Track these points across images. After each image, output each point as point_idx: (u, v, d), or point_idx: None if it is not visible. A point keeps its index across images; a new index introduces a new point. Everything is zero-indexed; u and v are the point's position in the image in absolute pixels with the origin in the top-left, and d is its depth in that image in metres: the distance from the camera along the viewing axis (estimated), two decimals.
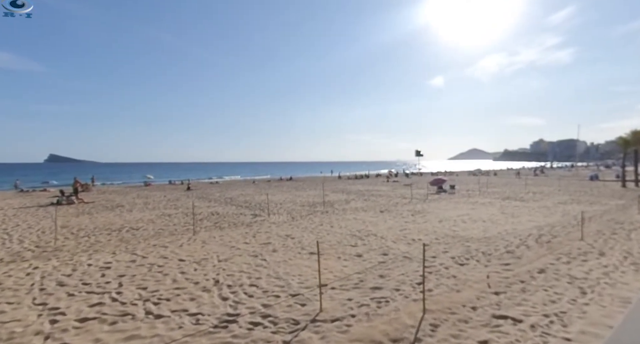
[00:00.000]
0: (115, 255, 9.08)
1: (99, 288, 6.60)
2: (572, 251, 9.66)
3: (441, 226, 13.53)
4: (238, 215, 16.43)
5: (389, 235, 11.95)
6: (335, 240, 11.22)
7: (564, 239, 11.17)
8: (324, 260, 8.93)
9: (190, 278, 7.20)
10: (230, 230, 12.65)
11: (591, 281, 7.22)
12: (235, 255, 9.17)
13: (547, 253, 9.47)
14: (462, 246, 10.29)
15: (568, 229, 12.71)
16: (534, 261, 8.71)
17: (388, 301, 6.22)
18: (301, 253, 9.50)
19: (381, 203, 21.27)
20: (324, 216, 16.16)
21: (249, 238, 11.31)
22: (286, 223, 14.37)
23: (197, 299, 6.11)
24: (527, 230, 12.68)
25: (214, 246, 10.13)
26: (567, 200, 22.11)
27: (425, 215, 16.18)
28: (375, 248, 10.08)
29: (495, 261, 8.79)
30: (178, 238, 11.18)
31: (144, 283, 6.87)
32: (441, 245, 10.47)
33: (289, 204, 20.92)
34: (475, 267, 8.27)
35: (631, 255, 9.35)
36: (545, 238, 11.28)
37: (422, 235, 11.96)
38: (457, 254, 9.45)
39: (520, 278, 7.44)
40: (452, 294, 6.54)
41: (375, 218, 15.56)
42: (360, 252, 9.69)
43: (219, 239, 11.14)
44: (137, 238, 11.23)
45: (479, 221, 14.62)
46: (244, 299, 6.16)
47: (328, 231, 12.64)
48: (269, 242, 10.78)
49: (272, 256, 9.10)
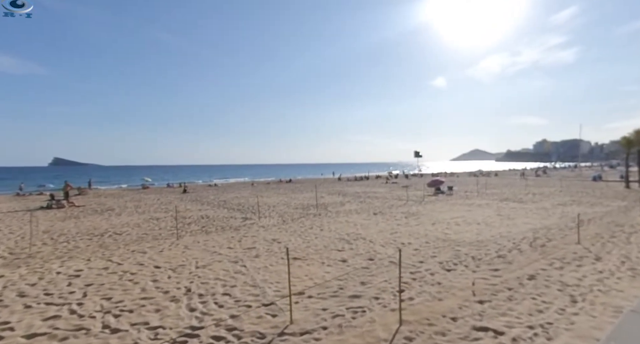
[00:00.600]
0: (89, 262, 8.75)
1: (60, 299, 6.23)
2: (566, 256, 9.27)
3: (433, 229, 13.16)
4: (228, 219, 16.12)
5: (378, 238, 11.60)
6: (322, 244, 10.89)
7: (560, 243, 10.78)
8: (306, 265, 8.64)
9: (161, 287, 6.87)
10: (216, 235, 12.34)
11: (583, 289, 6.85)
12: (215, 261, 8.85)
13: (539, 258, 9.10)
14: (452, 251, 9.93)
15: (565, 232, 12.32)
16: (525, 267, 8.34)
17: (365, 311, 5.89)
18: (284, 259, 9.17)
19: (376, 205, 20.91)
20: (316, 219, 15.83)
21: (233, 243, 10.99)
22: (275, 226, 14.05)
23: (163, 310, 5.77)
24: (522, 233, 12.29)
25: (195, 252, 9.81)
26: (567, 201, 21.66)
27: (418, 218, 15.82)
28: (361, 253, 9.74)
29: (485, 266, 8.42)
30: (160, 243, 10.87)
31: (110, 293, 6.50)
32: (430, 249, 10.12)
33: (283, 206, 20.60)
34: (463, 273, 7.91)
35: (629, 259, 8.95)
36: (539, 242, 10.90)
37: (413, 238, 11.61)
38: (445, 259, 9.10)
39: (508, 285, 7.07)
40: (434, 304, 6.19)
41: (367, 220, 15.22)
42: (345, 257, 9.36)
43: (202, 244, 10.83)
44: (117, 244, 10.93)
45: (473, 223, 14.24)
46: (213, 310, 5.83)
47: (317, 234, 12.31)
48: (254, 247, 10.46)
49: (253, 262, 8.78)
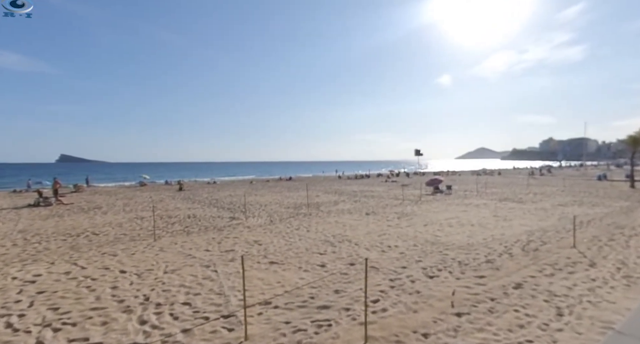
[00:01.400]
0: (52, 266, 8.31)
1: (2, 310, 5.75)
2: (559, 261, 8.75)
3: (425, 230, 12.66)
4: (215, 218, 15.72)
5: (365, 240, 11.13)
6: (304, 246, 10.43)
7: (554, 246, 10.24)
8: (282, 270, 8.19)
9: (118, 295, 6.43)
10: (197, 236, 11.93)
11: (572, 300, 6.34)
12: (186, 265, 8.43)
13: (530, 264, 8.58)
14: (439, 255, 9.43)
15: (561, 234, 11.77)
16: (513, 274, 7.83)
17: (331, 324, 5.43)
18: (261, 263, 8.73)
19: (370, 204, 20.41)
20: (305, 219, 15.38)
21: (212, 245, 10.56)
22: (261, 227, 13.62)
23: (110, 323, 5.32)
24: (516, 235, 11.75)
25: (168, 255, 9.39)
26: (568, 201, 21.02)
27: (411, 218, 15.31)
28: (343, 257, 9.27)
29: (470, 272, 7.92)
30: (135, 245, 10.47)
31: (60, 302, 6.05)
32: (417, 253, 9.64)
33: (275, 205, 20.16)
34: (445, 280, 7.42)
35: (625, 265, 8.41)
36: (533, 245, 10.37)
37: (401, 241, 11.13)
38: (430, 264, 8.60)
39: (492, 295, 6.58)
40: (407, 316, 5.72)
41: (357, 221, 14.74)
42: (325, 261, 8.90)
43: (179, 246, 10.41)
44: (91, 245, 10.53)
45: (467, 225, 13.72)
46: (165, 323, 5.38)
47: (302, 236, 11.86)
48: (232, 249, 10.03)
49: (226, 267, 8.34)
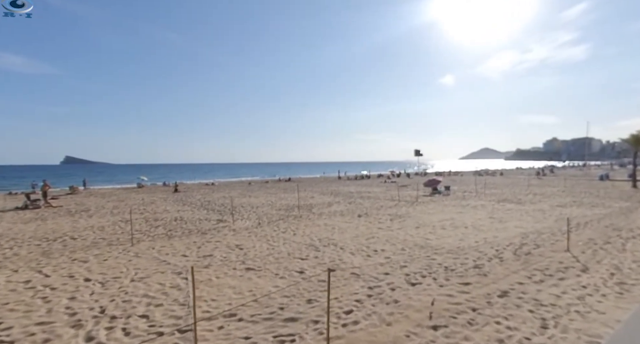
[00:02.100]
0: (14, 274, 7.89)
1: None
2: (550, 266, 8.28)
3: (415, 233, 12.21)
4: (202, 221, 15.33)
5: (351, 244, 10.70)
6: (287, 251, 10.02)
7: (547, 250, 9.77)
8: (257, 277, 7.78)
9: (72, 307, 6.02)
10: (178, 240, 11.53)
11: (559, 309, 5.89)
12: (157, 272, 8.03)
13: (520, 269, 8.12)
14: (426, 260, 8.99)
15: (556, 237, 11.29)
16: (500, 280, 7.38)
17: (294, 340, 5.00)
18: (237, 269, 8.32)
19: (365, 206, 19.97)
20: (294, 221, 14.97)
21: (191, 250, 10.17)
22: (247, 230, 13.22)
23: (53, 341, 4.87)
24: (509, 238, 11.29)
25: (142, 261, 9.00)
26: (567, 202, 20.49)
27: (404, 220, 14.87)
28: (325, 262, 8.85)
29: (456, 279, 7.48)
30: (110, 250, 10.08)
31: (6, 316, 5.58)
32: (403, 257, 9.20)
33: (266, 207, 19.76)
34: (428, 288, 6.98)
35: (620, 271, 7.94)
36: (525, 249, 9.91)
37: (389, 244, 10.69)
38: (415, 270, 8.17)
39: (474, 304, 6.13)
40: (379, 330, 5.29)
41: (348, 223, 14.31)
42: (305, 267, 8.48)
43: (156, 251, 10.02)
44: (65, 250, 10.15)
45: (461, 227, 13.26)
46: (114, 340, 4.95)
47: (287, 239, 11.45)
48: (211, 254, 9.62)
49: (198, 274, 7.93)
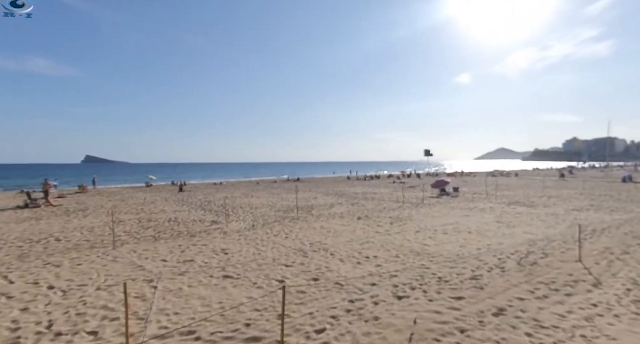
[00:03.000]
0: None
1: None
2: (557, 279, 7.46)
3: (414, 238, 11.48)
4: (195, 222, 14.93)
5: (343, 250, 10.07)
6: (273, 256, 9.45)
7: (556, 260, 8.92)
8: (232, 287, 7.22)
9: (19, 320, 5.45)
10: (164, 242, 11.10)
11: (561, 333, 5.12)
12: (129, 279, 7.54)
13: (522, 281, 7.33)
14: (420, 269, 8.28)
15: (568, 245, 10.38)
16: (497, 294, 6.63)
17: None
18: (213, 277, 7.77)
19: (367, 207, 19.25)
20: (290, 224, 14.41)
21: (174, 254, 9.70)
22: (239, 232, 12.72)
23: None
24: (515, 245, 10.44)
25: (117, 266, 8.55)
26: (584, 205, 19.28)
27: (405, 224, 14.12)
28: (310, 270, 8.24)
29: (448, 292, 6.76)
30: (89, 254, 9.67)
31: None
32: (396, 266, 8.51)
33: (265, 208, 19.27)
34: (415, 303, 6.29)
35: (638, 286, 7.06)
36: (532, 258, 9.07)
37: (383, 250, 10.01)
38: (405, 280, 7.48)
39: (463, 324, 5.42)
40: None
41: (345, 226, 13.66)
42: (288, 275, 7.88)
43: (136, 255, 9.57)
44: (43, 253, 9.80)
45: (464, 232, 12.44)
46: None
47: (277, 243, 10.89)
48: (192, 260, 9.12)
49: (170, 282, 7.40)
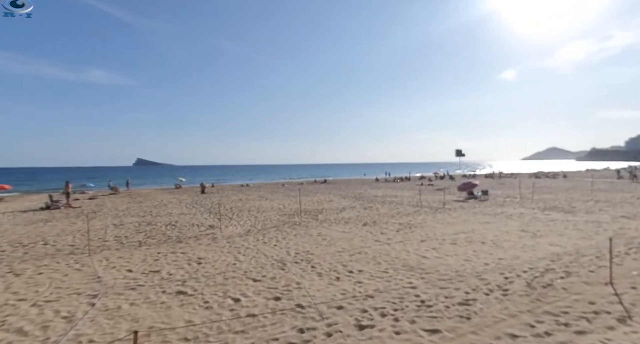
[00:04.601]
0: None
1: None
2: (573, 308, 5.91)
3: (414, 249, 10.13)
4: (192, 227, 14.44)
5: (328, 261, 8.99)
6: (247, 268, 8.56)
7: (580, 281, 7.27)
8: (179, 306, 6.38)
9: None
10: (145, 250, 10.55)
11: None
12: (73, 294, 6.85)
13: (525, 310, 5.86)
14: (404, 288, 7.02)
15: (603, 261, 8.51)
16: (485, 328, 5.26)
17: None
18: (166, 293, 6.92)
19: (380, 212, 17.91)
20: (288, 229, 13.51)
21: (146, 262, 9.08)
22: (229, 238, 12.01)
23: None
24: (533, 260, 8.80)
25: (75, 277, 7.96)
26: (638, 212, 16.59)
27: (413, 231, 12.72)
28: (276, 287, 7.22)
29: (423, 322, 5.49)
30: (60, 261, 9.20)
31: None
32: (379, 283, 7.31)
33: (273, 212, 18.53)
34: (378, 336, 5.10)
35: None
36: (548, 278, 7.47)
37: (374, 263, 8.81)
38: (380, 303, 6.28)
39: None
40: None
41: (345, 233, 12.53)
42: (249, 293, 6.89)
43: (106, 264, 9.01)
44: (18, 259, 9.56)
45: (476, 242, 10.87)
46: None
47: (260, 252, 10.03)
48: (158, 270, 8.44)
49: (114, 299, 6.60)
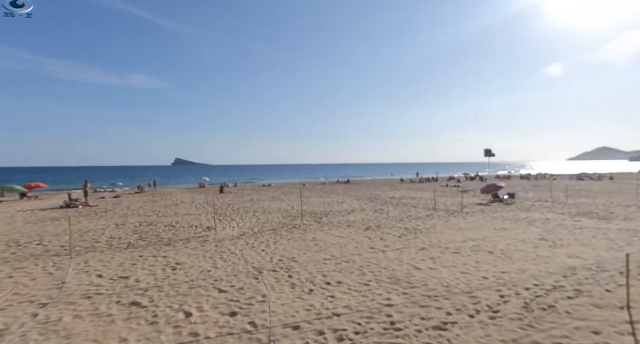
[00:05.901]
0: None
1: None
2: (570, 339, 4.88)
3: (410, 258, 9.24)
4: (190, 228, 14.26)
5: (308, 270, 8.34)
6: (220, 276, 8.05)
7: (589, 302, 6.14)
8: (123, 320, 5.87)
9: None
10: (129, 252, 10.35)
11: None
12: (24, 302, 6.48)
13: (509, 339, 4.90)
14: (379, 306, 6.21)
15: (624, 278, 7.22)
16: None
17: None
18: (119, 303, 6.39)
19: (390, 215, 16.94)
20: (284, 232, 12.97)
21: (121, 267, 8.79)
22: (219, 241, 11.64)
23: None
24: (542, 275, 7.66)
25: (40, 281, 7.74)
26: None
27: (416, 237, 11.76)
28: (238, 300, 6.62)
29: None
30: (38, 263, 9.09)
31: None
32: (354, 299, 6.55)
33: (277, 214, 18.07)
34: None
35: None
36: (552, 297, 6.39)
37: (358, 274, 8.05)
38: (343, 324, 5.52)
39: None
40: None
41: (342, 238, 11.79)
42: (206, 307, 6.30)
43: (82, 267, 8.79)
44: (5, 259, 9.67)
45: (483, 252, 9.77)
46: None
47: (243, 257, 9.54)
48: (127, 276, 8.08)
49: (61, 310, 6.07)
